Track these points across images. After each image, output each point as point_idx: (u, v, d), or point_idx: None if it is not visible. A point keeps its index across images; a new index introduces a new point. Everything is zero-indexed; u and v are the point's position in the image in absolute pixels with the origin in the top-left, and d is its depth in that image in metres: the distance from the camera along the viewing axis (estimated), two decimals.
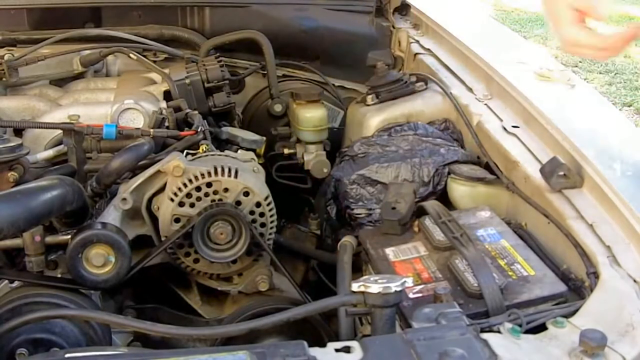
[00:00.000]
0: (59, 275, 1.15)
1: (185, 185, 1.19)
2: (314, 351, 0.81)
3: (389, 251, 1.19)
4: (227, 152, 1.32)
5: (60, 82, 1.73)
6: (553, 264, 1.11)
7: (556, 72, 1.67)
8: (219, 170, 1.20)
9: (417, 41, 1.90)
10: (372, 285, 0.89)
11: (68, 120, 1.41)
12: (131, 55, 1.68)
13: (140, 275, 1.19)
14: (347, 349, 0.83)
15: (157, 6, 1.94)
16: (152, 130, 1.38)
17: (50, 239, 1.12)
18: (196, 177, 1.19)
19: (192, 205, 1.20)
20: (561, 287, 1.04)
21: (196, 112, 1.50)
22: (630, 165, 1.24)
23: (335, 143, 1.75)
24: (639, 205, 1.08)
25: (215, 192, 1.20)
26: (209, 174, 1.20)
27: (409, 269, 1.13)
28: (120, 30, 1.79)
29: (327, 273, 1.43)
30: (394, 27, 1.99)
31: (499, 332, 0.89)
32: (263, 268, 1.27)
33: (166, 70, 1.66)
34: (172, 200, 1.19)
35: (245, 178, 1.21)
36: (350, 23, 1.98)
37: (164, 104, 1.57)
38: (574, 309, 0.95)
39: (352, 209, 1.44)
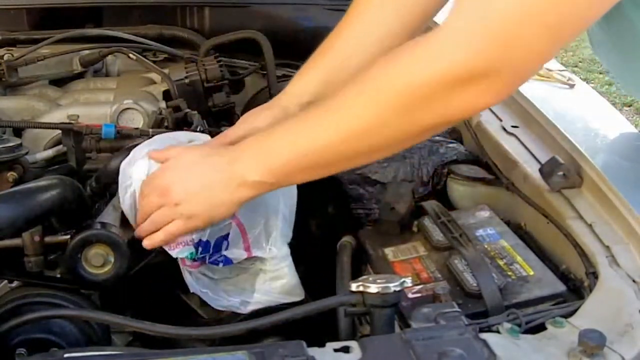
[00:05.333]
0: (59, 276, 1.15)
1: None
2: (313, 351, 0.82)
3: (388, 251, 1.19)
4: None
5: (60, 82, 1.73)
6: (552, 264, 1.11)
7: (555, 72, 1.67)
8: None
9: None
10: (371, 285, 0.89)
11: (67, 120, 1.41)
12: (131, 55, 1.68)
13: (140, 275, 1.19)
14: (346, 349, 0.83)
15: (157, 6, 1.94)
16: (150, 130, 1.38)
17: (49, 239, 1.12)
18: None
19: None
20: (560, 287, 1.04)
21: (195, 112, 1.50)
22: (629, 164, 1.24)
23: None
24: (638, 206, 1.08)
25: None
26: None
27: (408, 269, 1.13)
28: (120, 30, 1.79)
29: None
30: None
31: (498, 332, 0.89)
32: None
33: (166, 70, 1.66)
34: None
35: None
36: None
37: (163, 104, 1.57)
38: (573, 309, 0.95)
39: (352, 209, 1.43)
